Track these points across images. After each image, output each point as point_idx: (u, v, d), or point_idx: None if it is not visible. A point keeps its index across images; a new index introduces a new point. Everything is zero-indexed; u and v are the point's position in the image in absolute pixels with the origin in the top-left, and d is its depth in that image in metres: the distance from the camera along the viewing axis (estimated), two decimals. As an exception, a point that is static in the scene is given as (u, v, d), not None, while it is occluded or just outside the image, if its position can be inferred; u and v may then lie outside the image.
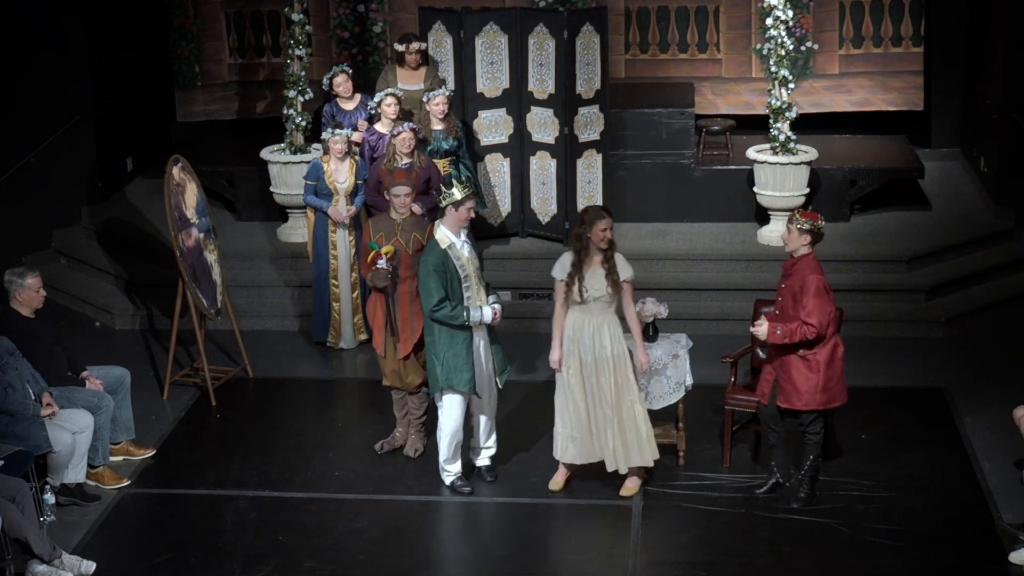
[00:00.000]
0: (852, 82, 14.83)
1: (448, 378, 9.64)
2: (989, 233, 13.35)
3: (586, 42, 12.85)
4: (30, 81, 13.54)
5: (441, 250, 9.55)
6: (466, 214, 9.63)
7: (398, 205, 10.12)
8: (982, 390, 11.23)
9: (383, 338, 10.16)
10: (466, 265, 9.62)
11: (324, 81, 12.74)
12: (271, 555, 9.28)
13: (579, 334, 9.52)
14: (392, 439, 10.53)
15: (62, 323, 12.32)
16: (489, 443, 10.12)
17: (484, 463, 10.15)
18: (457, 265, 9.56)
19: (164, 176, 11.47)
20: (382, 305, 10.12)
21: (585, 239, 9.41)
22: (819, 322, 9.32)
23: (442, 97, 12.03)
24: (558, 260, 9.59)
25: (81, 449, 9.83)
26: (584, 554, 9.26)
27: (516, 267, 13.03)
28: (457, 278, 9.56)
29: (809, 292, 9.35)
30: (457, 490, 9.98)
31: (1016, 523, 9.27)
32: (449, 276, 9.52)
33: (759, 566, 9.08)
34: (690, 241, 13.23)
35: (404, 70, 12.75)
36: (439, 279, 9.50)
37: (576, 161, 13.05)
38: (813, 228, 9.43)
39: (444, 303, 9.50)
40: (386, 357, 10.19)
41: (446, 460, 9.98)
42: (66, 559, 9.01)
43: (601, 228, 9.37)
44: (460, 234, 9.65)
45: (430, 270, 9.50)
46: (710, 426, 10.65)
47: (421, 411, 10.37)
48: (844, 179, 13.53)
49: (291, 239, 13.49)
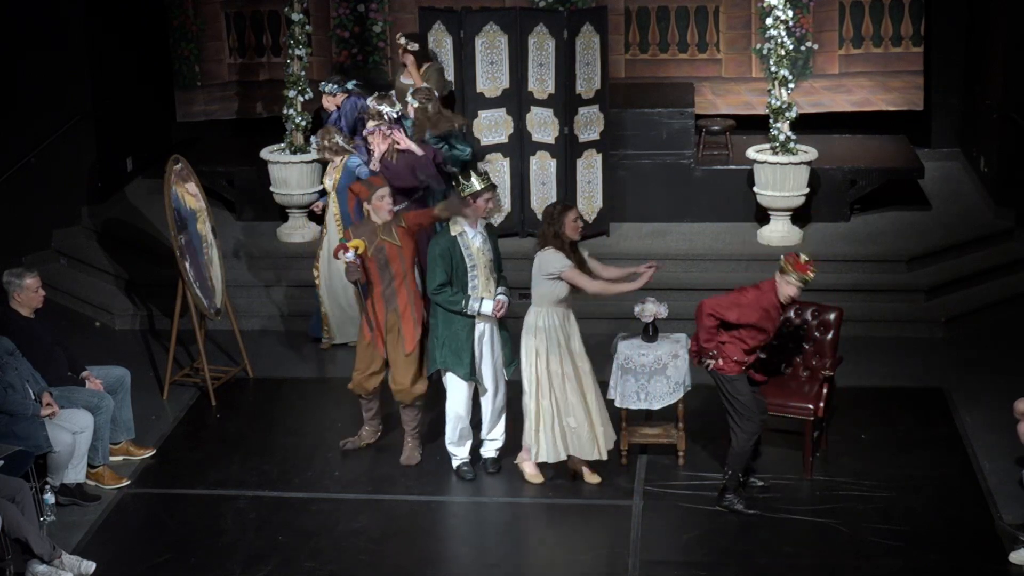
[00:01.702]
0: (852, 82, 14.82)
1: (445, 361, 9.83)
2: (989, 233, 13.35)
3: (586, 42, 12.86)
4: (30, 81, 13.54)
5: (450, 237, 9.73)
6: (484, 205, 9.77)
7: (382, 208, 10.09)
8: (982, 390, 11.22)
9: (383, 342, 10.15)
10: (475, 255, 9.74)
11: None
12: (271, 555, 9.28)
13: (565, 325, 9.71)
14: (356, 439, 10.56)
15: (62, 323, 12.31)
16: (494, 435, 10.19)
17: (489, 455, 10.24)
18: (465, 254, 9.72)
19: (164, 176, 11.48)
20: (381, 308, 10.11)
21: (561, 235, 9.56)
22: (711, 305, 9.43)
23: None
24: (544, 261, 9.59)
25: (81, 449, 9.83)
26: (584, 554, 9.26)
27: (516, 267, 12.97)
28: (463, 267, 9.70)
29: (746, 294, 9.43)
30: (461, 475, 10.10)
31: (1016, 523, 9.27)
32: (455, 263, 9.68)
33: (759, 566, 9.08)
34: (690, 241, 13.23)
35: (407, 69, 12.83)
36: (444, 264, 9.68)
37: (576, 161, 13.06)
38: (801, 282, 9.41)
39: (445, 288, 9.69)
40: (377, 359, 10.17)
41: (451, 442, 10.14)
42: (66, 559, 9.01)
43: (572, 219, 9.58)
44: (477, 224, 9.77)
45: (436, 255, 9.70)
46: (710, 426, 10.63)
47: (416, 421, 10.38)
48: (844, 179, 13.53)
49: (291, 239, 13.50)
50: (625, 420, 10.18)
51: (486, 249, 9.83)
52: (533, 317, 9.72)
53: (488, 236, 9.89)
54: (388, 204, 10.10)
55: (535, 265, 9.67)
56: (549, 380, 9.72)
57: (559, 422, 9.76)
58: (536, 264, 9.66)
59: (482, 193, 9.76)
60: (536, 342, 9.69)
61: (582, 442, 9.81)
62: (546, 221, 9.66)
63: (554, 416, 9.76)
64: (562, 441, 9.80)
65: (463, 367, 9.85)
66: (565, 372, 9.71)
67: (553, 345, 9.68)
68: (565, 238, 9.58)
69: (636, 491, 9.92)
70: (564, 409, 9.76)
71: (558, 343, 9.69)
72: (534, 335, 9.69)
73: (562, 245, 9.58)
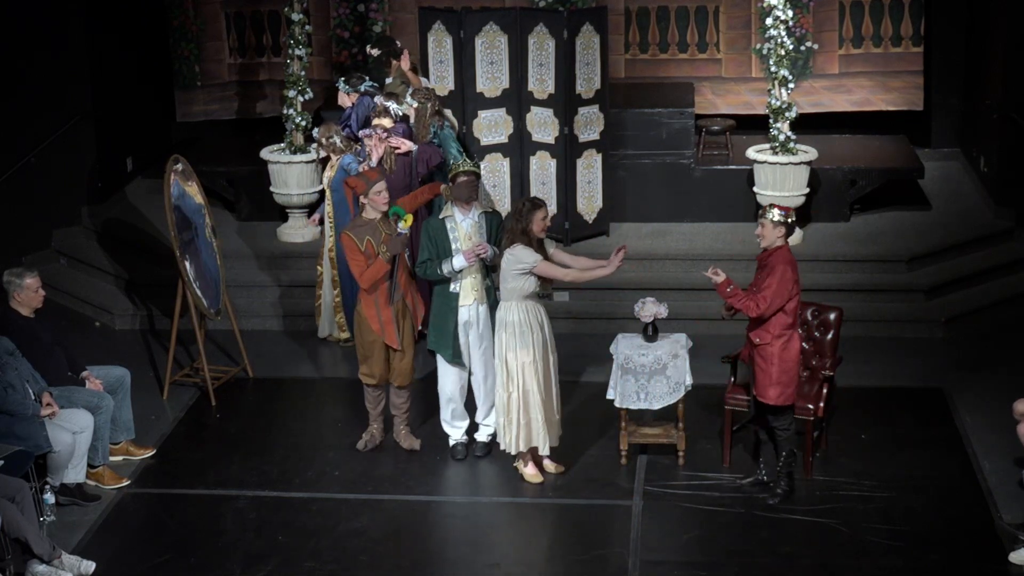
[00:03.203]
0: (852, 82, 14.82)
1: (434, 343, 10.22)
2: (989, 233, 13.35)
3: (586, 42, 12.85)
4: (30, 81, 13.54)
5: (440, 219, 10.06)
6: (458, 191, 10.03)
7: (379, 202, 10.14)
8: (982, 390, 11.22)
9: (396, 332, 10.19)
10: (460, 238, 9.99)
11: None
12: (271, 555, 9.28)
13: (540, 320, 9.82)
14: (372, 438, 10.58)
15: (62, 323, 12.31)
16: (488, 420, 10.43)
17: (481, 439, 10.51)
18: (451, 236, 10.00)
19: (164, 176, 11.48)
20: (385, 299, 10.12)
21: (529, 232, 9.67)
22: (768, 303, 9.46)
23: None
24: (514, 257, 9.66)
25: (81, 449, 9.83)
26: (584, 554, 9.26)
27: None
28: (448, 249, 9.98)
29: (775, 275, 9.48)
30: (453, 454, 10.40)
31: (1016, 523, 9.27)
32: (438, 244, 9.99)
33: (759, 566, 9.08)
34: (690, 241, 13.23)
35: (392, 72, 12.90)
36: (429, 243, 10.02)
37: (576, 161, 13.06)
38: (785, 220, 9.52)
39: (427, 262, 10.03)
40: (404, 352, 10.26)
41: (444, 420, 10.47)
42: (66, 559, 9.01)
43: (541, 217, 9.71)
44: (469, 210, 10.00)
45: (424, 234, 10.07)
46: (710, 426, 10.65)
47: (407, 404, 10.49)
48: (844, 179, 13.53)
49: (291, 239, 13.50)
50: (625, 420, 10.19)
51: (475, 234, 10.01)
52: (503, 312, 9.84)
53: (485, 225, 10.04)
54: (385, 198, 10.15)
55: (503, 262, 9.77)
56: (520, 372, 9.81)
57: (523, 414, 9.85)
58: (505, 261, 9.76)
59: (458, 176, 10.01)
60: (506, 336, 9.81)
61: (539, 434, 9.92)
62: (514, 217, 9.77)
63: (519, 408, 9.85)
64: (525, 433, 9.90)
65: (447, 349, 10.17)
66: (535, 364, 9.80)
67: (524, 339, 9.77)
68: (532, 235, 9.69)
69: (636, 491, 9.92)
70: (530, 401, 9.84)
71: (528, 336, 9.79)
72: (504, 329, 9.82)
73: (529, 242, 9.69)
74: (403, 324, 10.26)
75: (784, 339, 9.56)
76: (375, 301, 10.15)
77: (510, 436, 9.94)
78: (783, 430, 9.67)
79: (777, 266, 9.51)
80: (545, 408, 9.89)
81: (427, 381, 11.37)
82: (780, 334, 9.55)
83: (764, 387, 9.61)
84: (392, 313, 10.19)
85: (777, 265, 9.51)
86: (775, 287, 9.47)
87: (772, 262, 9.55)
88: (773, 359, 9.55)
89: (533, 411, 9.87)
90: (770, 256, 9.59)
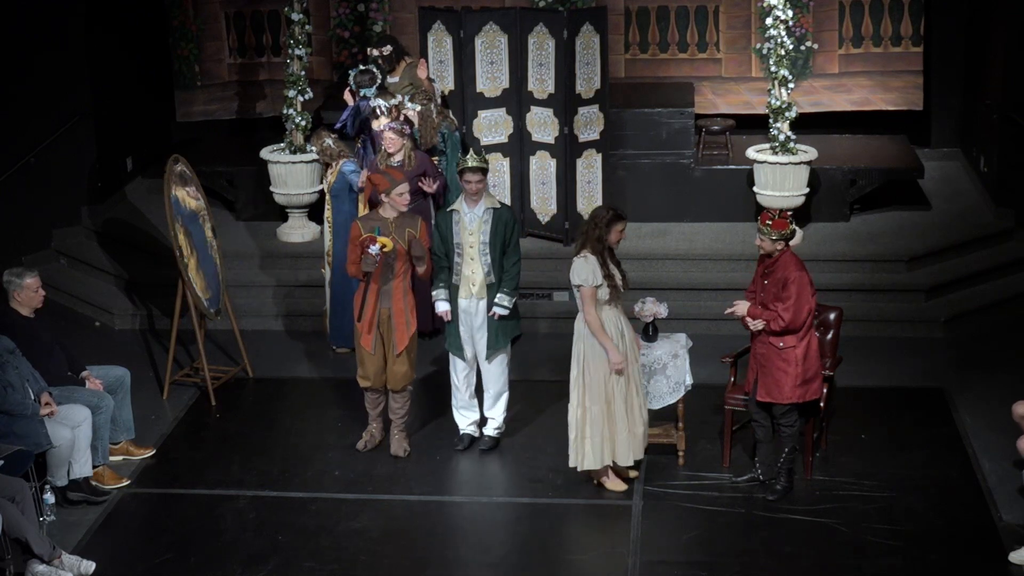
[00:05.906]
0: (852, 82, 14.82)
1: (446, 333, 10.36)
2: (989, 233, 13.35)
3: (586, 42, 12.85)
4: (30, 81, 13.54)
5: (447, 213, 10.19)
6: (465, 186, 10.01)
7: (400, 203, 10.13)
8: (982, 390, 11.22)
9: (372, 336, 10.16)
10: (462, 235, 10.00)
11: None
12: (271, 555, 9.28)
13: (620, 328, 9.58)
14: (372, 438, 10.57)
15: (62, 323, 12.32)
16: (493, 414, 10.47)
17: (488, 432, 10.54)
18: (454, 231, 10.04)
19: (164, 176, 11.48)
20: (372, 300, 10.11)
21: (604, 240, 9.49)
22: (791, 319, 9.41)
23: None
24: (575, 269, 9.50)
25: (82, 442, 9.80)
26: (584, 554, 9.27)
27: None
28: (450, 243, 10.06)
29: (792, 288, 9.42)
30: (456, 444, 10.50)
31: (1016, 523, 9.27)
32: (443, 237, 10.11)
33: (759, 566, 9.08)
34: (690, 241, 13.23)
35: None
36: (437, 236, 10.17)
37: (576, 161, 13.06)
38: (784, 237, 9.49)
39: (436, 257, 10.16)
40: (374, 354, 10.19)
41: (454, 407, 10.55)
42: (66, 559, 9.01)
43: (619, 229, 9.54)
44: (477, 205, 10.03)
45: (435, 227, 10.23)
46: (710, 426, 10.65)
47: (405, 410, 10.41)
48: (844, 179, 13.53)
49: (291, 239, 13.50)
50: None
51: (479, 232, 9.97)
52: (579, 323, 9.61)
53: (492, 222, 10.01)
54: (406, 200, 10.15)
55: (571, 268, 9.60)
56: (602, 384, 9.55)
57: (607, 428, 9.64)
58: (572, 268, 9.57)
59: (464, 172, 9.99)
60: (585, 347, 9.57)
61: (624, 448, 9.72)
62: (592, 222, 9.56)
63: (604, 423, 9.62)
64: (608, 447, 9.68)
65: (448, 337, 10.31)
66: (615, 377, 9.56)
67: (600, 350, 9.53)
68: (607, 244, 9.50)
69: (636, 491, 9.92)
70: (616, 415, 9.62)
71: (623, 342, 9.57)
72: (582, 340, 9.58)
73: (602, 250, 9.48)
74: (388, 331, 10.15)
75: (806, 340, 9.54)
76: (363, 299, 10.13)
77: (582, 453, 9.69)
78: (789, 427, 9.66)
79: (791, 275, 9.43)
80: (630, 420, 9.64)
81: (427, 382, 11.39)
82: (803, 336, 9.52)
83: (782, 387, 9.53)
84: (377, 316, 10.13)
85: (791, 274, 9.44)
86: (796, 297, 9.40)
87: (782, 273, 9.46)
88: (797, 361, 9.50)
89: (619, 424, 9.61)
90: (776, 263, 9.54)
